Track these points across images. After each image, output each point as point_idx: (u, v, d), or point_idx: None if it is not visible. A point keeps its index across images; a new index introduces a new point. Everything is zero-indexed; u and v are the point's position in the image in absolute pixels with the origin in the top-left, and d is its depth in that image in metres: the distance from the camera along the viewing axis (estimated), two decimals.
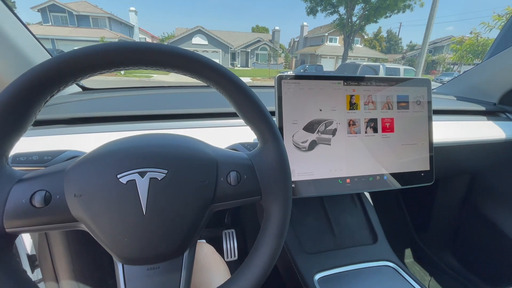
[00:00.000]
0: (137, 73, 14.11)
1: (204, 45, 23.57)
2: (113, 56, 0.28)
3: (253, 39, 27.38)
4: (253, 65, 26.70)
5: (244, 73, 18.96)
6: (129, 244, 0.30)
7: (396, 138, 0.61)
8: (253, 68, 25.49)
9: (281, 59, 32.25)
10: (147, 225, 0.30)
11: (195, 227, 0.33)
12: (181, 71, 0.32)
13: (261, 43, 26.86)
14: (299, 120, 0.55)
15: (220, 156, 0.35)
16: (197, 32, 23.79)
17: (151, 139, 0.34)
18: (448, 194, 1.13)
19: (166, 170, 0.31)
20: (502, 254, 0.98)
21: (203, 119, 0.64)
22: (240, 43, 26.42)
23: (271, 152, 0.36)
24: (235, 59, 26.71)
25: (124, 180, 0.30)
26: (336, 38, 29.10)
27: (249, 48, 26.66)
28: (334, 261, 0.61)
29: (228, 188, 0.35)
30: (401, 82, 0.61)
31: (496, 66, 0.95)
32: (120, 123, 0.59)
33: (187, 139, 0.36)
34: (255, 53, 27.32)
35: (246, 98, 0.34)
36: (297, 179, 0.55)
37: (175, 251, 0.33)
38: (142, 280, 0.32)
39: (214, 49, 24.16)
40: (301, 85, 0.54)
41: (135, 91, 0.82)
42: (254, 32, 39.97)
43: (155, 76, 13.31)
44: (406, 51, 40.69)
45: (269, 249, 0.35)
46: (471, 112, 0.93)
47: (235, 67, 25.55)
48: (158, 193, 0.31)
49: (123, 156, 0.31)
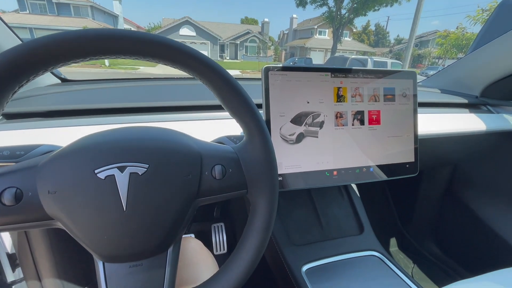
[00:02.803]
0: (122, 65, 13.68)
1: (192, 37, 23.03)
2: (88, 44, 0.26)
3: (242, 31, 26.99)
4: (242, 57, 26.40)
5: (234, 65, 18.73)
6: (109, 242, 0.29)
7: (382, 130, 0.62)
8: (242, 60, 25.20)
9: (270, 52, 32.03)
10: (128, 222, 0.29)
11: (179, 223, 0.32)
12: (163, 61, 0.30)
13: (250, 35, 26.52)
14: (287, 112, 0.54)
15: (204, 150, 0.34)
16: (185, 23, 23.18)
17: (131, 133, 0.33)
18: (431, 184, 1.16)
19: (147, 165, 0.30)
20: (481, 241, 1.03)
21: (189, 111, 0.62)
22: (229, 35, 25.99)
23: (257, 145, 0.35)
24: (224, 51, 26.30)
25: (102, 176, 0.28)
26: (325, 31, 29.12)
27: (238, 40, 26.28)
28: (321, 252, 0.62)
29: (213, 182, 0.34)
30: (387, 74, 0.62)
31: (478, 60, 0.97)
32: (101, 116, 0.57)
33: (169, 132, 0.35)
34: (244, 45, 26.98)
35: (231, 90, 0.33)
36: (285, 172, 0.54)
37: (158, 248, 0.32)
38: (124, 278, 0.31)
39: (203, 40, 23.66)
40: (289, 77, 0.54)
41: (118, 83, 0.79)
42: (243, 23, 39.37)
43: (142, 68, 12.95)
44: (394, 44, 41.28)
45: (255, 243, 0.35)
46: (454, 105, 0.96)
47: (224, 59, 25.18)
48: (139, 188, 0.29)
49: (101, 150, 0.30)
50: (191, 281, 0.45)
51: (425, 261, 1.20)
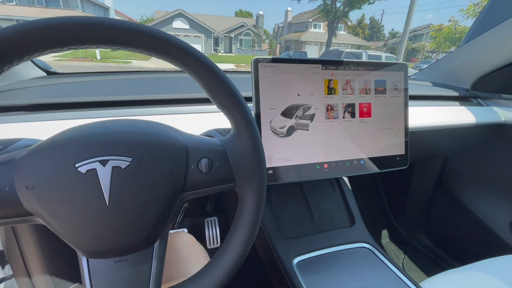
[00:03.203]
0: (114, 59, 13.41)
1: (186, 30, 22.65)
2: (67, 32, 0.25)
3: (236, 24, 26.64)
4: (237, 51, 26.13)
5: (228, 59, 18.54)
6: (92, 237, 0.28)
7: (373, 123, 0.62)
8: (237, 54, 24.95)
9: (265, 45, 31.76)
10: (111, 216, 0.28)
11: (165, 217, 0.32)
12: (146, 51, 0.29)
13: (244, 28, 26.21)
14: (277, 105, 0.53)
15: (190, 143, 0.34)
16: (178, 15, 22.74)
17: (114, 126, 0.32)
18: (422, 177, 1.18)
19: (130, 158, 0.29)
20: (469, 232, 1.05)
21: (179, 105, 0.61)
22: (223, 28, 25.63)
23: (245, 137, 0.34)
24: (218, 44, 25.98)
25: (83, 170, 0.28)
26: (320, 24, 28.94)
27: (232, 33, 25.95)
28: (312, 244, 0.62)
29: (200, 175, 0.33)
30: (378, 66, 0.61)
31: (469, 53, 0.97)
32: (87, 110, 0.55)
33: (154, 125, 0.34)
34: (239, 38, 26.68)
35: (217, 81, 0.32)
36: (275, 165, 0.54)
37: (144, 243, 0.31)
38: (109, 274, 0.30)
39: (196, 34, 23.29)
40: (279, 69, 0.53)
41: (105, 76, 0.77)
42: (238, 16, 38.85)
43: (135, 62, 12.72)
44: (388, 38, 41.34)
45: (243, 237, 0.34)
46: (445, 98, 0.96)
47: (218, 53, 24.89)
48: (122, 182, 0.29)
49: (81, 144, 0.29)
50: (182, 275, 0.45)
51: (415, 251, 1.23)
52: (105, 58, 13.38)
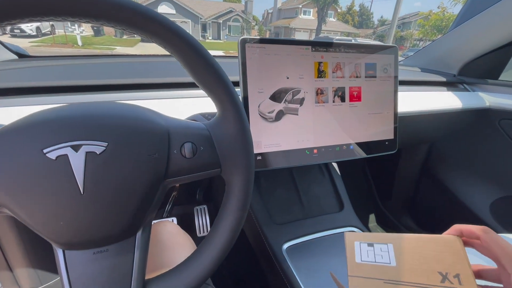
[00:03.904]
0: (97, 45, 12.83)
1: (172, 15, 21.81)
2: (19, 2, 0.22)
3: (224, 9, 25.84)
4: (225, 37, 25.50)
5: (217, 46, 18.09)
6: (66, 228, 0.26)
7: (363, 107, 0.61)
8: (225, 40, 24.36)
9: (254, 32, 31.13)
10: (87, 205, 0.26)
11: (147, 205, 0.30)
12: (120, 25, 0.26)
13: (233, 14, 25.50)
14: (265, 88, 0.51)
15: (172, 126, 0.32)
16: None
17: (88, 108, 0.29)
18: (409, 162, 1.20)
19: (106, 143, 0.27)
20: (453, 215, 1.09)
21: (162, 89, 0.58)
22: (211, 13, 24.84)
23: (231, 120, 0.33)
24: (206, 30, 25.24)
25: (52, 156, 0.25)
26: (310, 10, 28.49)
27: (220, 19, 25.22)
28: (301, 230, 0.62)
29: (183, 161, 0.31)
30: (369, 49, 0.60)
31: (456, 39, 0.97)
32: (63, 95, 0.52)
33: (132, 108, 0.32)
34: (227, 24, 25.98)
35: (200, 58, 0.29)
36: (264, 151, 0.53)
37: (125, 232, 0.29)
38: (88, 266, 0.29)
39: (183, 19, 22.49)
40: (267, 50, 0.51)
41: (83, 60, 0.72)
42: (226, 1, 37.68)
43: (119, 48, 12.21)
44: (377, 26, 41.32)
45: (230, 224, 0.33)
46: (432, 83, 0.97)
47: (206, 39, 24.22)
48: (97, 169, 0.26)
49: (51, 128, 0.26)
50: (167, 265, 0.43)
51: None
52: (87, 44, 12.78)
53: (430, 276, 0.28)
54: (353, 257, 0.32)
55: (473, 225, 0.29)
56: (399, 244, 0.30)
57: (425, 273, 0.28)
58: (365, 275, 0.30)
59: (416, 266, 0.29)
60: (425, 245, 0.29)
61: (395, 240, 0.31)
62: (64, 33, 13.34)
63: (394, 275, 0.29)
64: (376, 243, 0.31)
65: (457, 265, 0.28)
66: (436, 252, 0.29)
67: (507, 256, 0.26)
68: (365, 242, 0.32)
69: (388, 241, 0.31)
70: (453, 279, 0.27)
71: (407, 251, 0.30)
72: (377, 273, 0.29)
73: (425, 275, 0.28)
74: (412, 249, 0.30)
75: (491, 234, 0.28)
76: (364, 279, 0.30)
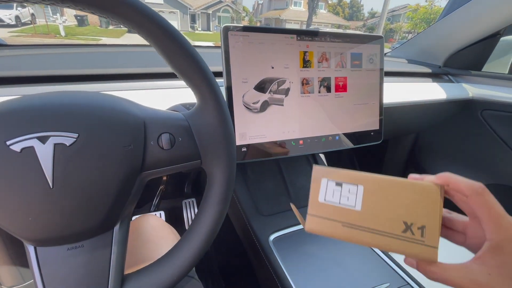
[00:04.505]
0: (82, 36, 12.34)
1: (159, 5, 21.16)
2: None
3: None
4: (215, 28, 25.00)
5: (206, 37, 17.74)
6: (36, 224, 0.25)
7: (348, 98, 0.61)
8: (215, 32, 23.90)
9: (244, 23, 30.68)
10: (57, 200, 0.25)
11: (124, 199, 0.29)
12: (88, 8, 0.25)
13: (223, 5, 24.97)
14: (250, 78, 0.50)
15: (148, 117, 0.30)
16: None
17: (56, 97, 0.28)
18: (396, 152, 1.22)
19: (76, 134, 0.25)
20: None
21: (143, 80, 0.56)
22: (200, 4, 24.24)
23: (210, 109, 0.31)
24: (195, 21, 24.66)
25: (17, 148, 0.24)
26: (300, 1, 28.23)
27: (210, 9, 24.66)
28: (288, 221, 0.62)
29: (161, 153, 0.30)
30: (355, 38, 0.59)
31: (442, 30, 0.98)
32: (37, 85, 0.49)
33: (105, 97, 0.30)
34: (217, 15, 25.46)
35: (177, 46, 0.28)
36: (249, 142, 0.52)
37: (101, 227, 0.28)
38: (63, 262, 0.27)
39: (171, 9, 21.86)
40: (251, 38, 0.49)
41: (61, 49, 0.69)
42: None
43: (105, 39, 11.78)
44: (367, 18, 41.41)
45: (211, 217, 0.33)
46: (418, 74, 0.98)
47: (196, 30, 23.71)
48: (67, 161, 0.25)
49: (15, 118, 0.25)
50: (149, 258, 0.43)
51: None
52: (70, 34, 12.28)
53: (393, 224, 0.26)
54: (317, 196, 0.29)
55: (466, 179, 0.24)
56: (371, 187, 0.27)
57: (389, 221, 0.26)
58: (325, 216, 0.28)
59: (382, 213, 0.26)
60: (400, 192, 0.26)
61: (368, 182, 0.27)
62: (45, 22, 12.77)
63: (355, 219, 0.27)
64: (345, 183, 0.28)
65: (427, 216, 0.25)
66: (409, 200, 0.26)
67: (496, 227, 0.22)
68: (334, 181, 0.28)
69: (360, 182, 0.27)
70: (417, 231, 0.25)
71: (377, 196, 0.27)
72: (338, 215, 0.27)
73: (388, 223, 0.26)
74: (384, 194, 0.26)
75: (485, 197, 0.23)
76: (322, 220, 0.28)
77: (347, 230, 0.27)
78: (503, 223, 0.22)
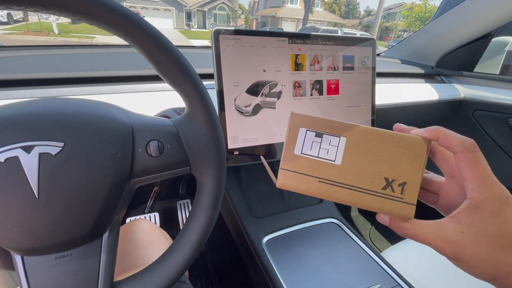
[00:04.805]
0: (75, 33, 12.18)
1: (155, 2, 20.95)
2: None
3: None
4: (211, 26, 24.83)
5: (202, 35, 17.62)
6: (22, 234, 0.25)
7: (341, 100, 0.61)
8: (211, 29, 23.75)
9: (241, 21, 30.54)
10: (43, 209, 0.25)
11: (112, 207, 0.29)
12: (72, 14, 0.24)
13: (219, 2, 24.81)
14: (241, 82, 0.50)
15: (136, 124, 0.30)
16: None
17: (40, 105, 0.27)
18: None
19: (62, 143, 0.25)
20: None
21: (132, 82, 0.55)
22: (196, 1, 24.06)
23: (199, 116, 0.31)
24: (191, 19, 24.48)
25: (1, 158, 0.23)
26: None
27: (206, 7, 24.49)
28: (281, 222, 0.63)
29: (149, 160, 0.30)
30: (347, 41, 0.59)
31: (434, 31, 0.99)
32: (19, 89, 0.48)
33: (91, 104, 0.30)
34: (213, 13, 25.30)
35: (164, 52, 0.28)
36: (241, 146, 0.52)
37: (89, 235, 0.28)
38: (50, 271, 0.27)
39: (167, 7, 21.65)
40: (242, 42, 0.49)
41: (47, 50, 0.67)
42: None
43: (99, 37, 11.64)
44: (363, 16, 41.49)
45: (201, 223, 0.33)
46: (411, 75, 0.98)
47: (191, 28, 23.53)
48: (53, 171, 0.25)
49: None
50: (140, 265, 0.42)
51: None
52: (64, 32, 12.11)
53: (374, 181, 0.24)
54: (292, 148, 0.26)
55: (458, 134, 0.23)
56: (354, 139, 0.25)
57: (369, 177, 0.24)
58: (299, 170, 0.25)
59: (364, 168, 0.24)
60: (385, 145, 0.24)
61: (351, 134, 0.25)
62: (38, 20, 12.56)
63: (333, 175, 0.24)
64: (326, 134, 0.25)
65: (409, 172, 0.24)
66: (394, 154, 0.24)
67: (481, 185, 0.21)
68: (314, 131, 0.25)
69: (343, 133, 0.25)
70: (397, 188, 0.24)
71: (360, 149, 0.24)
72: (314, 170, 0.25)
73: (369, 179, 0.24)
74: (368, 147, 0.24)
75: (476, 154, 0.22)
76: (296, 174, 0.25)
77: (324, 186, 0.25)
78: (489, 182, 0.21)
